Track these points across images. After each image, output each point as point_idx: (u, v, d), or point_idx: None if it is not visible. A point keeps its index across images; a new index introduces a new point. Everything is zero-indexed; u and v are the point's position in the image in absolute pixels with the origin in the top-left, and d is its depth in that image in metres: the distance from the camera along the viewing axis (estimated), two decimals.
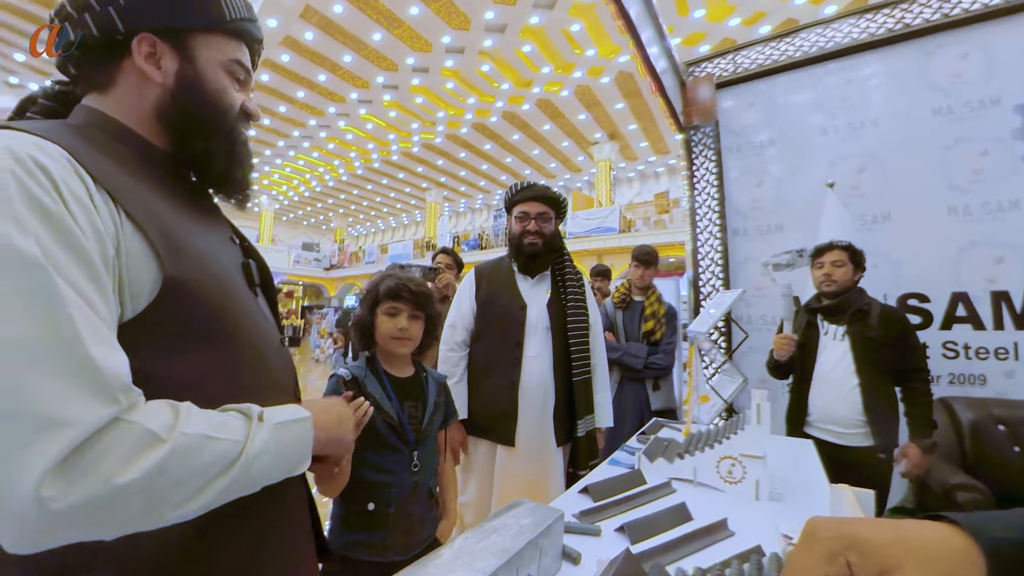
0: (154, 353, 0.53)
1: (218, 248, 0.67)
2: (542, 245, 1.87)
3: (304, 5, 9.09)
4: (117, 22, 0.60)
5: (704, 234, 2.85)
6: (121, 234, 0.52)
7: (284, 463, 0.59)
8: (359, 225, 27.60)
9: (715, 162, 2.83)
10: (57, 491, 0.39)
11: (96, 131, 0.60)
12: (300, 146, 15.65)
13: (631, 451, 1.72)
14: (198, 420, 0.50)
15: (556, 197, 1.92)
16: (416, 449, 1.25)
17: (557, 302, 1.88)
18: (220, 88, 0.68)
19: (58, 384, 0.41)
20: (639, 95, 12.24)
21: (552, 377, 1.80)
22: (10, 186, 0.44)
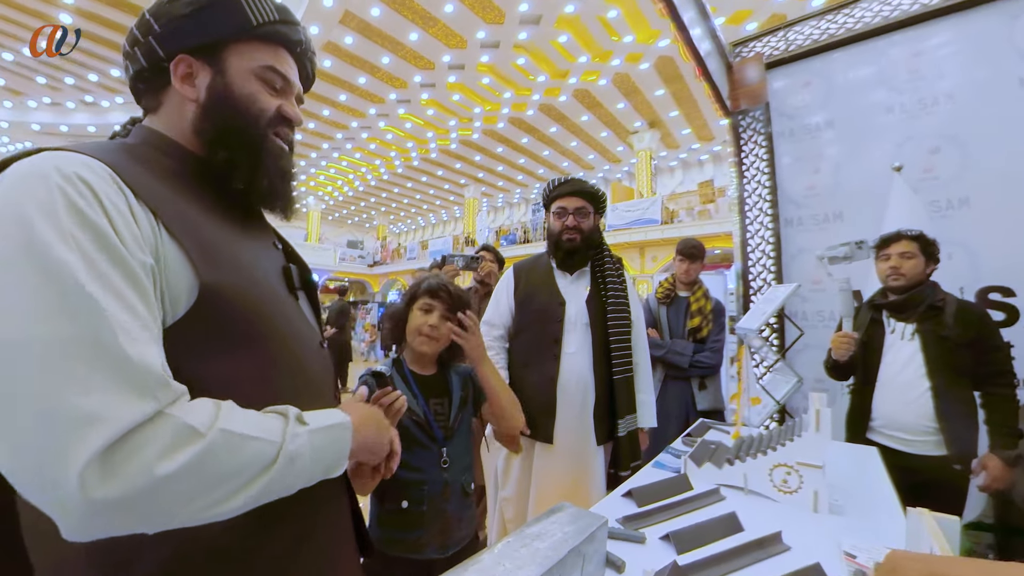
0: (193, 356, 0.55)
1: (259, 254, 0.70)
2: (580, 241, 1.84)
3: (343, 11, 9.31)
4: (158, 49, 0.65)
5: (754, 225, 2.69)
6: (160, 244, 0.55)
7: (320, 466, 0.59)
8: (400, 222, 28.18)
9: (766, 148, 2.65)
10: (99, 480, 0.42)
11: (146, 147, 0.65)
12: (343, 147, 16.11)
13: (676, 454, 1.65)
14: (238, 418, 0.52)
15: (594, 191, 1.88)
16: (445, 446, 1.26)
17: (597, 298, 1.85)
18: (249, 95, 0.69)
19: (96, 381, 0.43)
20: (681, 80, 11.82)
21: (592, 374, 1.77)
22: (57, 200, 0.47)
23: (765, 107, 2.70)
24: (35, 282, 0.44)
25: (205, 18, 0.65)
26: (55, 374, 0.43)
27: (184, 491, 0.46)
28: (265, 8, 0.69)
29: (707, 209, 12.66)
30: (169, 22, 0.65)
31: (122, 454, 0.43)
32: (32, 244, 0.45)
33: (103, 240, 0.48)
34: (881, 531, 1.10)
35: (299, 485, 0.57)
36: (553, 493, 1.72)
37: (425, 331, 1.29)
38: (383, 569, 1.19)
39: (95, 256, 0.47)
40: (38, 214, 0.46)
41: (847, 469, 1.53)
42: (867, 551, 0.95)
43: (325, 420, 0.61)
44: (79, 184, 0.49)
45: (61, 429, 0.42)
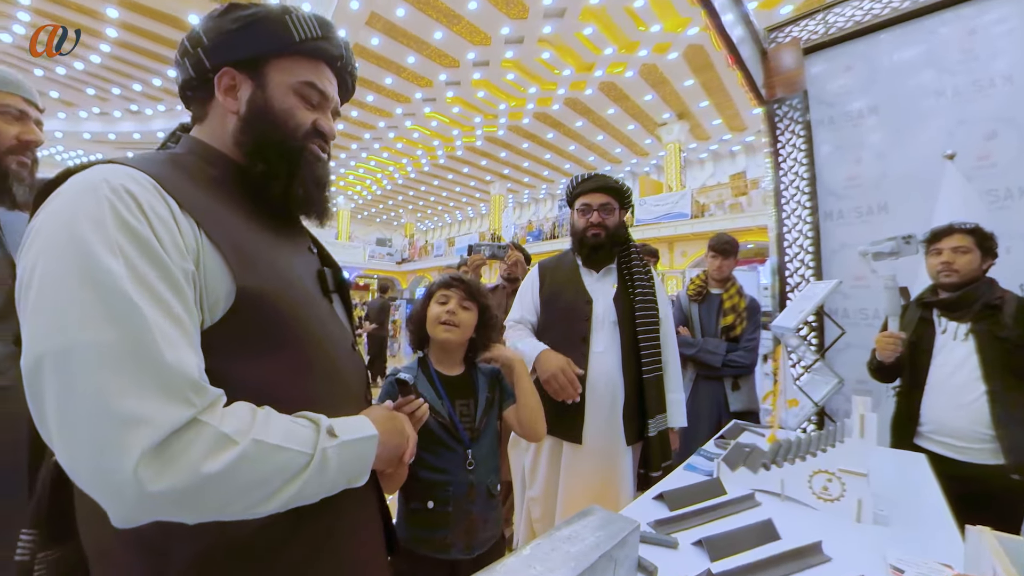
0: (230, 358, 0.58)
1: (294, 258, 0.72)
2: (605, 237, 1.80)
3: (369, 12, 9.43)
4: (205, 61, 0.69)
5: (791, 219, 2.57)
6: (201, 250, 0.57)
7: (345, 477, 0.62)
8: (427, 220, 28.50)
9: (804, 137, 2.52)
10: (153, 474, 0.45)
11: (191, 156, 0.69)
12: (371, 147, 16.38)
13: (709, 456, 1.61)
14: (273, 428, 0.54)
15: (619, 186, 1.84)
16: (470, 447, 1.26)
17: (624, 296, 1.81)
18: (286, 109, 0.71)
19: (137, 386, 0.47)
20: (711, 69, 11.49)
21: (621, 374, 1.74)
22: (106, 212, 0.51)
23: (803, 95, 2.56)
24: (85, 292, 0.47)
25: (251, 33, 0.68)
26: (105, 379, 0.46)
27: (222, 491, 0.50)
28: (308, 24, 0.71)
29: (739, 202, 12.28)
30: (217, 36, 0.68)
31: (170, 453, 0.47)
32: (83, 256, 0.48)
33: (147, 249, 0.51)
34: (931, 545, 1.04)
35: (323, 494, 0.60)
36: (582, 493, 1.70)
37: (444, 318, 1.29)
38: (410, 567, 1.20)
39: (140, 265, 0.50)
40: (89, 226, 0.49)
41: (893, 477, 1.45)
42: (916, 565, 0.90)
43: (355, 432, 0.63)
44: (125, 196, 0.52)
45: (114, 429, 0.45)
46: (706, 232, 12.08)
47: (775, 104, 2.65)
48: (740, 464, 1.41)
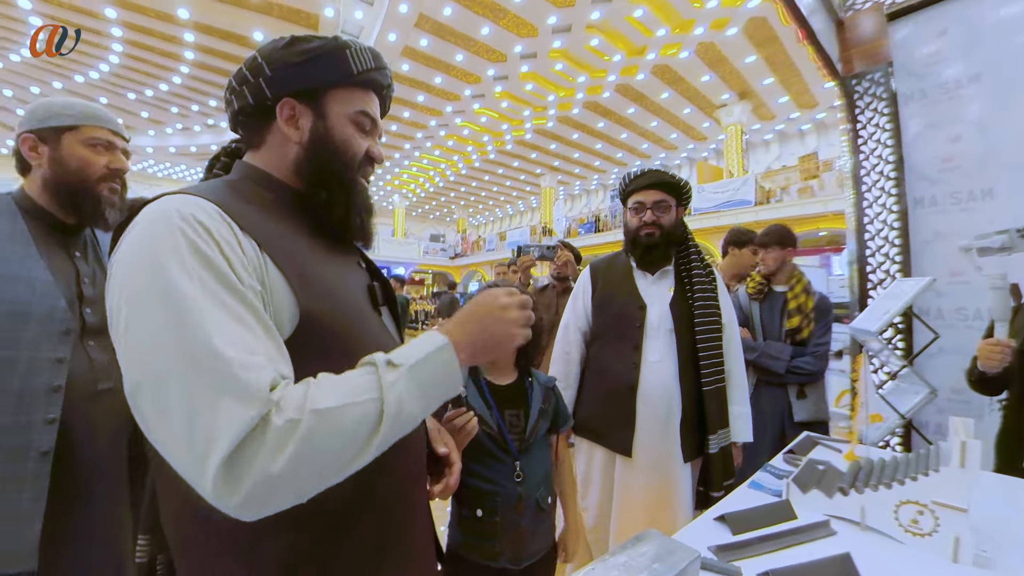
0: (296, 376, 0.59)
1: (346, 274, 0.75)
2: (660, 236, 1.68)
3: (418, 14, 9.58)
4: (266, 90, 0.71)
5: (874, 207, 2.27)
6: (265, 273, 0.61)
7: (435, 396, 0.61)
8: (479, 215, 28.81)
9: (888, 115, 2.22)
10: (227, 492, 0.48)
11: (247, 182, 0.72)
12: (423, 146, 16.75)
13: (777, 474, 1.46)
14: (327, 392, 0.54)
15: (675, 182, 1.71)
16: (519, 459, 1.23)
17: (682, 301, 1.68)
18: (345, 139, 0.75)
19: (213, 399, 0.49)
20: (776, 42, 10.74)
21: (678, 385, 1.62)
22: (180, 240, 0.54)
23: (886, 66, 2.26)
24: (167, 320, 0.51)
25: (314, 66, 0.71)
26: (191, 395, 0.49)
27: (307, 472, 0.51)
28: (365, 57, 0.75)
29: (809, 186, 11.37)
30: (281, 68, 0.71)
31: (240, 466, 0.48)
32: (162, 284, 0.52)
33: (220, 274, 0.55)
34: None
35: (420, 419, 0.60)
36: (636, 510, 1.62)
37: None
38: (458, 572, 1.21)
39: (212, 285, 0.54)
40: (164, 255, 0.54)
41: (997, 508, 1.25)
42: None
43: (419, 351, 0.61)
44: (195, 225, 0.56)
45: (197, 450, 0.48)
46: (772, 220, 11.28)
47: (853, 79, 2.36)
48: (813, 486, 1.27)
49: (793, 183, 12.00)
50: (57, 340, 1.03)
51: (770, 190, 12.22)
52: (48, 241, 1.10)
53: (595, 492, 1.72)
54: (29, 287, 1.01)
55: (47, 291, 1.03)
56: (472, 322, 0.68)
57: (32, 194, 1.12)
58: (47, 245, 1.09)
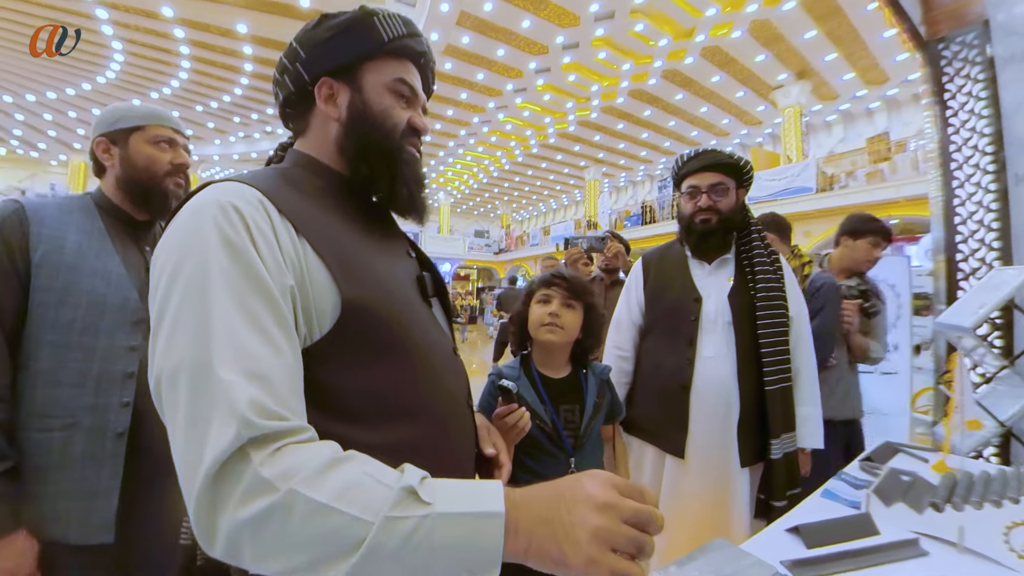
0: (339, 369, 0.58)
1: (394, 265, 0.72)
2: (717, 222, 1.55)
3: (459, 12, 9.60)
4: (303, 74, 0.70)
5: (966, 187, 1.98)
6: (304, 262, 0.58)
7: (440, 566, 0.43)
8: (523, 210, 28.79)
9: (983, 81, 1.93)
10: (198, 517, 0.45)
11: (296, 168, 0.71)
12: (467, 143, 16.90)
13: (854, 483, 1.32)
14: (332, 480, 0.44)
15: (734, 162, 1.57)
16: (574, 455, 1.18)
17: (743, 292, 1.54)
18: (384, 109, 0.72)
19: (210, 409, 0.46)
20: (838, 14, 9.95)
21: (736, 383, 1.49)
22: (211, 231, 0.53)
23: (982, 26, 1.95)
24: (192, 315, 0.50)
25: (344, 40, 0.70)
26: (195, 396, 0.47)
27: (256, 544, 0.43)
28: (394, 24, 0.71)
29: (879, 170, 10.34)
30: (313, 47, 0.70)
31: (214, 491, 0.44)
32: (193, 278, 0.51)
33: (249, 270, 0.52)
34: None
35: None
36: (687, 514, 1.51)
37: (546, 320, 1.22)
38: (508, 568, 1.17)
39: (238, 281, 0.51)
40: (200, 250, 0.53)
41: None
42: None
43: (462, 503, 0.45)
44: (232, 213, 0.55)
45: (190, 448, 0.46)
46: (835, 208, 10.49)
47: (940, 44, 2.07)
48: (898, 498, 1.14)
49: (860, 167, 10.98)
50: (130, 329, 1.09)
51: (833, 176, 11.24)
52: (122, 236, 1.17)
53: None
54: (105, 280, 1.08)
55: (120, 283, 1.10)
56: (549, 511, 0.46)
57: (108, 193, 1.19)
58: (121, 240, 1.16)
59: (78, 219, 1.12)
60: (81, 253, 1.08)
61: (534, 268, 20.63)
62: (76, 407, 1.03)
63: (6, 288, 1.01)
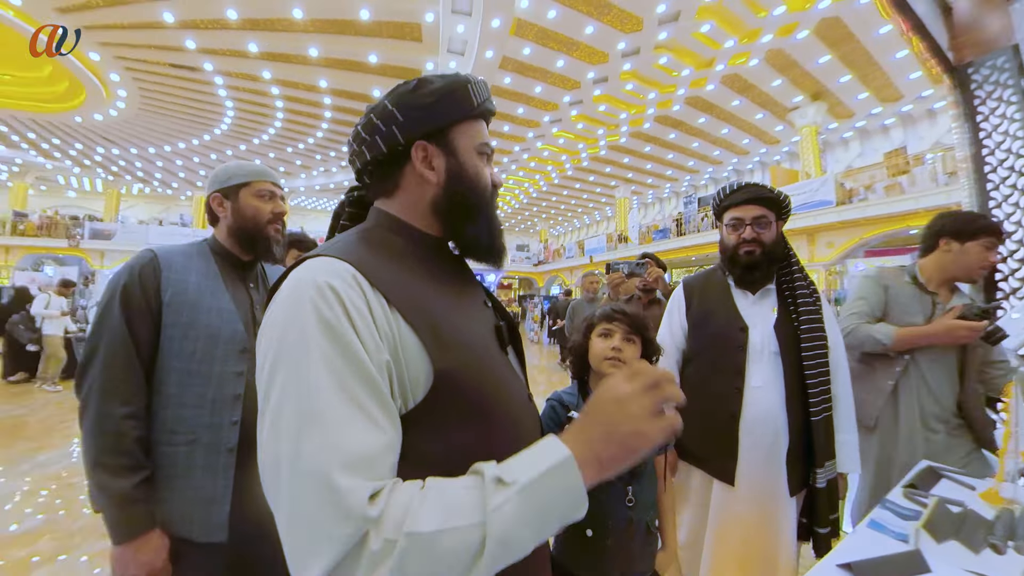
0: (429, 434, 0.53)
1: (475, 320, 0.66)
2: (761, 255, 1.41)
3: (501, 57, 9.56)
4: (399, 136, 0.63)
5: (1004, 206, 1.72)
6: (397, 334, 0.53)
7: (551, 522, 0.46)
8: (559, 225, 28.54)
9: (1017, 104, 1.69)
10: None
11: (380, 230, 0.65)
12: (509, 169, 17.00)
13: (900, 512, 1.14)
14: (429, 510, 0.44)
15: (776, 196, 1.42)
16: (631, 484, 1.10)
17: (787, 322, 1.40)
18: (477, 172, 0.67)
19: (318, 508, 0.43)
20: (850, 40, 9.28)
21: (784, 413, 1.34)
22: (313, 318, 0.49)
23: (1011, 50, 1.71)
24: (293, 404, 0.46)
25: (443, 105, 0.64)
26: (299, 494, 0.44)
27: None
28: (482, 89, 0.67)
29: (898, 183, 9.45)
30: (412, 111, 0.63)
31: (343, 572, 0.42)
32: (293, 364, 0.48)
33: (348, 351, 0.48)
34: None
35: (533, 543, 0.46)
36: (734, 538, 1.37)
37: (609, 355, 1.14)
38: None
39: (340, 371, 0.47)
40: (296, 334, 0.49)
41: None
42: None
43: (535, 466, 0.46)
44: (328, 294, 0.50)
45: (300, 546, 0.43)
46: (856, 220, 9.72)
47: (969, 67, 1.83)
48: (951, 535, 0.97)
49: (878, 180, 10.08)
50: (238, 357, 1.11)
51: (852, 189, 10.35)
52: (231, 276, 1.20)
53: (690, 511, 1.48)
54: (218, 315, 1.11)
55: (231, 317, 1.12)
56: (596, 426, 0.49)
57: (220, 239, 1.22)
58: (231, 279, 1.19)
59: (197, 263, 1.15)
60: (200, 293, 1.11)
61: (569, 278, 20.38)
62: (197, 425, 1.06)
63: (143, 325, 1.05)
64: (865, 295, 1.71)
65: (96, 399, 0.99)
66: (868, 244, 10.35)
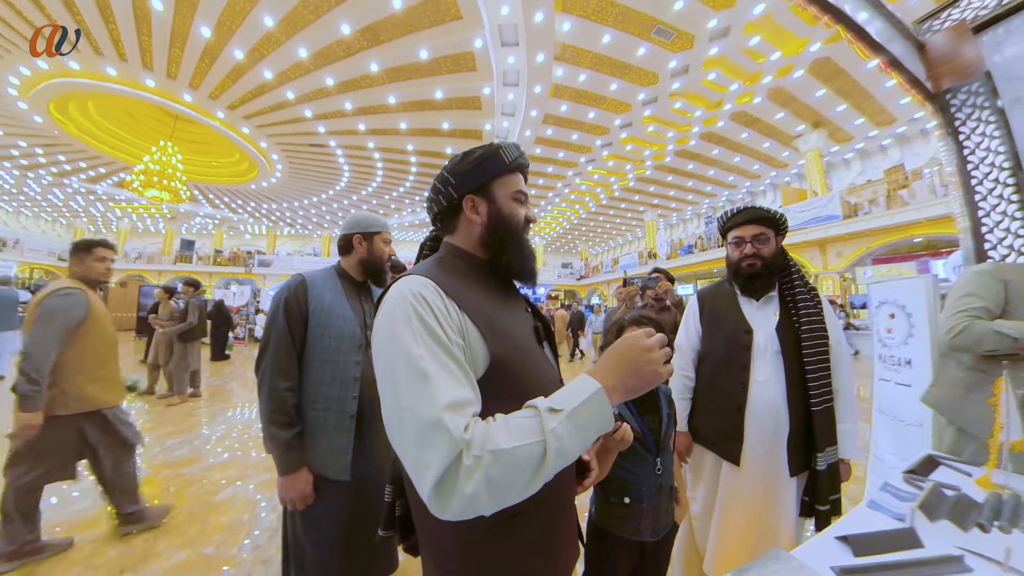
0: (487, 402, 0.58)
1: (518, 319, 0.71)
2: (761, 266, 1.35)
3: (544, 114, 9.62)
4: (454, 194, 0.71)
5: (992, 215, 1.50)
6: (465, 328, 0.60)
7: (590, 435, 0.54)
8: (596, 246, 27.82)
9: (995, 122, 1.49)
10: (437, 506, 0.49)
11: (449, 256, 0.72)
12: (554, 201, 16.90)
13: (898, 495, 1.03)
14: (502, 434, 0.51)
15: (771, 215, 1.36)
16: (659, 456, 1.10)
17: (788, 324, 1.32)
18: (511, 213, 0.72)
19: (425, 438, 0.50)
20: (842, 75, 8.37)
21: (786, 404, 1.27)
22: (411, 314, 0.57)
23: (984, 77, 1.53)
24: (404, 374, 0.53)
25: (481, 168, 0.70)
26: (411, 432, 0.51)
27: (491, 494, 0.49)
28: (512, 150, 0.72)
29: (899, 196, 8.31)
30: (460, 176, 0.70)
31: (444, 489, 0.48)
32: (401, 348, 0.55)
33: (435, 336, 0.56)
34: None
35: (579, 451, 0.53)
36: (739, 512, 1.30)
37: None
38: (607, 545, 1.10)
39: (433, 347, 0.55)
40: (403, 326, 0.56)
41: None
42: None
43: (576, 398, 0.54)
44: (420, 299, 0.58)
45: (416, 469, 0.50)
46: (862, 231, 8.68)
47: (947, 94, 1.64)
48: (943, 515, 0.87)
49: (881, 195, 8.92)
50: (356, 350, 1.20)
51: (856, 204, 9.22)
52: (351, 292, 1.29)
53: (703, 487, 1.42)
54: (344, 320, 1.21)
55: (351, 322, 1.22)
56: (621, 364, 0.57)
57: (347, 267, 1.32)
58: (351, 295, 1.28)
59: (330, 283, 1.26)
60: (332, 305, 1.21)
61: (607, 289, 19.80)
62: (329, 398, 1.16)
63: (297, 327, 1.17)
64: (976, 291, 1.30)
65: (268, 376, 1.13)
66: (874, 253, 9.21)
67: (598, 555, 1.10)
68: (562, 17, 6.86)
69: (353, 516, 1.18)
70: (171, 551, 1.81)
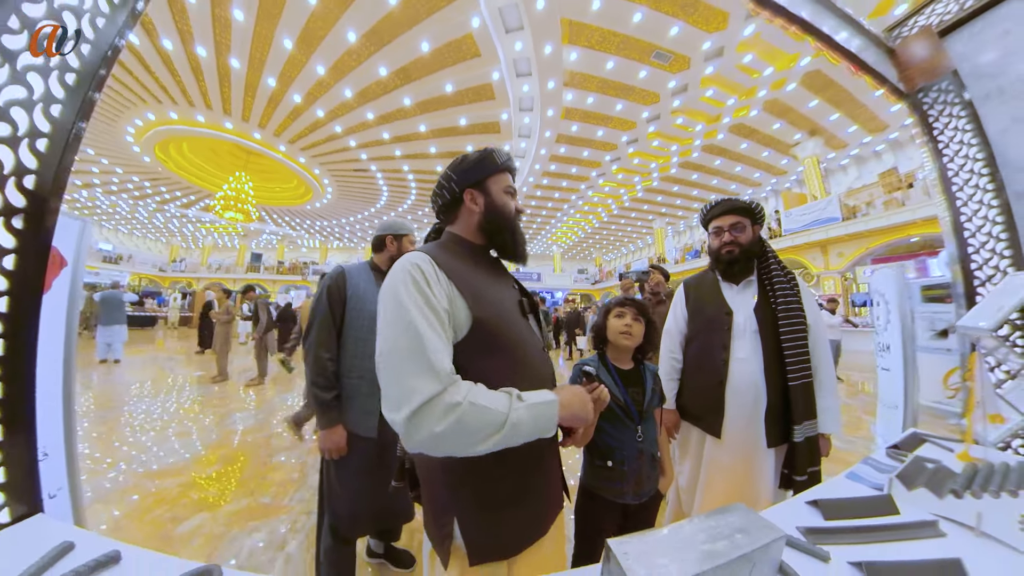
0: (469, 359, 0.62)
1: (504, 293, 0.74)
2: (739, 252, 1.33)
3: (557, 134, 9.67)
4: (456, 188, 0.76)
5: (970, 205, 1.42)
6: (452, 295, 0.64)
7: (538, 428, 0.60)
8: (609, 252, 27.30)
9: (966, 117, 1.41)
10: (407, 431, 0.53)
11: (449, 242, 0.76)
12: (569, 212, 16.78)
13: (879, 468, 0.98)
14: (482, 395, 0.56)
15: (747, 205, 1.34)
16: (640, 424, 1.09)
17: (765, 306, 1.29)
18: (504, 203, 0.76)
19: (417, 372, 0.54)
20: (834, 85, 7.92)
21: (763, 380, 1.23)
22: (408, 279, 0.61)
23: (952, 75, 1.44)
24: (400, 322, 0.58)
25: (477, 167, 0.75)
26: (404, 365, 0.55)
27: (452, 438, 0.53)
28: (501, 155, 0.77)
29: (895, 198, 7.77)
30: (461, 173, 0.75)
31: (419, 420, 0.52)
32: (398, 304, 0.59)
33: (427, 300, 0.60)
34: None
35: (522, 440, 0.58)
36: (721, 482, 1.27)
37: (623, 329, 1.14)
38: (593, 505, 1.11)
39: (424, 308, 0.59)
40: (401, 289, 0.61)
41: None
42: None
43: (539, 398, 0.61)
44: (416, 269, 0.63)
45: (401, 393, 0.54)
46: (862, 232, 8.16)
47: (919, 93, 1.55)
48: (921, 484, 0.83)
49: (878, 197, 8.36)
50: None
51: (855, 206, 8.69)
52: (380, 282, 1.32)
53: (689, 461, 1.40)
54: (374, 304, 1.25)
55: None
56: (573, 399, 0.65)
57: (378, 262, 1.38)
58: (379, 283, 1.31)
59: (364, 275, 1.32)
60: (365, 292, 1.28)
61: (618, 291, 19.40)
62: (362, 369, 1.22)
63: (337, 308, 1.23)
64: None
65: (313, 347, 1.22)
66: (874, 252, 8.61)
67: (586, 515, 1.11)
68: (569, 48, 6.95)
69: (376, 468, 1.23)
70: (238, 497, 2.05)
